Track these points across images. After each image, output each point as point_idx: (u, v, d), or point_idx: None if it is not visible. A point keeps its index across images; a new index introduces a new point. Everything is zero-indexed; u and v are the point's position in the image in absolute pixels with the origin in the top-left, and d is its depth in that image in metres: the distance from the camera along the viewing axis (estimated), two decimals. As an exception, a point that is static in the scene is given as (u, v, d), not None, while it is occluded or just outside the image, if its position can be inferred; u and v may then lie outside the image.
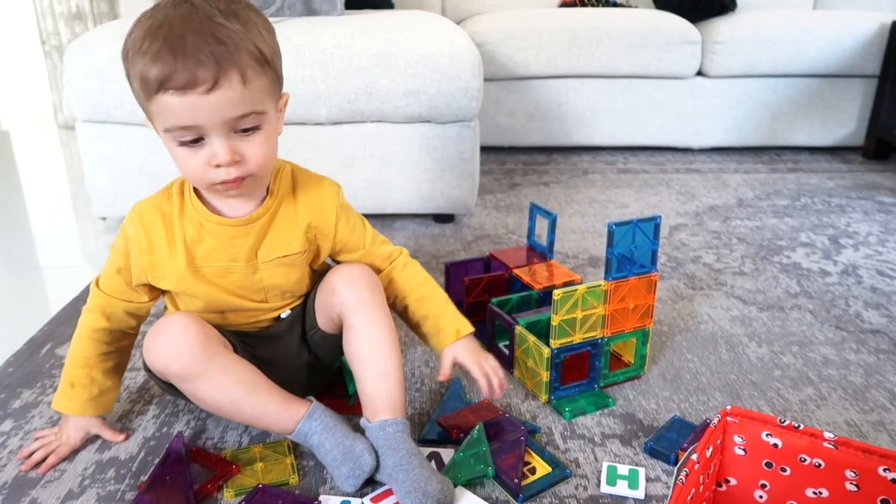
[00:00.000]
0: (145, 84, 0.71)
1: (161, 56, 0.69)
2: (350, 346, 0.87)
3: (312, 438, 0.83)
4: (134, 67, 0.71)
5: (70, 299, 1.33)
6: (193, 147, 0.74)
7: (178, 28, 0.69)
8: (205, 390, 0.81)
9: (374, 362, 0.85)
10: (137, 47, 0.70)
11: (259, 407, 0.82)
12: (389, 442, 0.81)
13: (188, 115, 0.71)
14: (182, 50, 0.69)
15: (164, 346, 0.79)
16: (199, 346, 0.79)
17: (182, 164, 0.76)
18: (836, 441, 0.68)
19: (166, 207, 0.84)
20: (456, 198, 1.67)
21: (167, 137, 0.75)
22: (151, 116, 0.75)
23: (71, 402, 0.87)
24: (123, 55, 0.73)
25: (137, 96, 0.75)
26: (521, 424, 0.91)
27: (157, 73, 0.69)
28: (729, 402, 1.01)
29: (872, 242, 1.63)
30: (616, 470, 0.85)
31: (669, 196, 1.97)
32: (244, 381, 0.82)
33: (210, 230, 0.83)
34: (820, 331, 1.21)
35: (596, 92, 2.31)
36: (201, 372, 0.79)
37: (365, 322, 0.86)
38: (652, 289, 1.01)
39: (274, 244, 0.85)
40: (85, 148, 1.60)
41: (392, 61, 1.51)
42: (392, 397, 0.84)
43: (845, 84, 2.33)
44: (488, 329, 1.12)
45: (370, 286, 0.88)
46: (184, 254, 0.83)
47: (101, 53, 1.50)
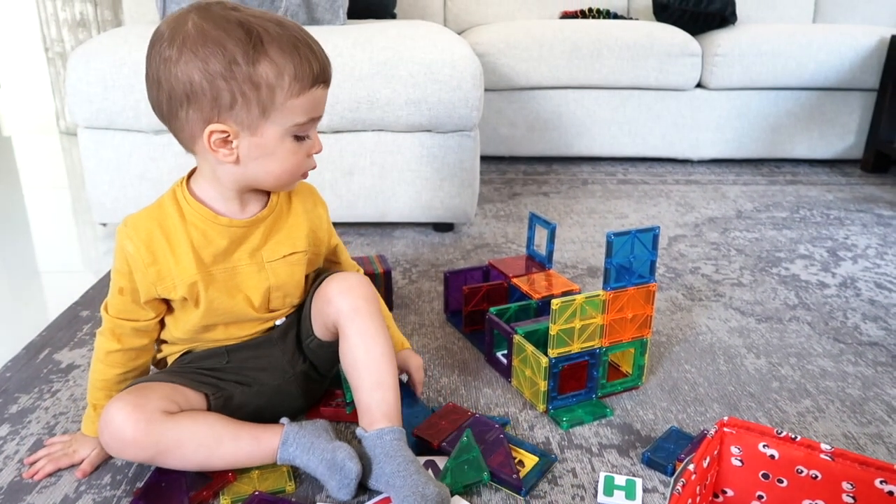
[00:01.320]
0: (301, 79, 0.76)
1: (308, 50, 0.77)
2: (346, 356, 0.88)
3: (296, 461, 0.82)
4: (275, 64, 0.75)
5: (69, 304, 1.33)
6: (301, 141, 0.81)
7: (297, 28, 0.78)
8: (169, 464, 0.80)
9: (370, 372, 0.85)
10: (279, 43, 0.75)
11: (229, 455, 0.81)
12: (387, 450, 0.81)
13: (321, 107, 0.82)
14: (317, 48, 0.79)
15: (111, 441, 0.78)
16: (141, 434, 0.77)
17: (288, 159, 0.81)
18: (832, 453, 0.68)
19: (163, 217, 0.83)
20: (456, 207, 1.67)
21: (287, 132, 0.79)
22: (282, 113, 0.77)
23: (94, 424, 0.86)
24: (233, 53, 0.73)
25: (266, 95, 0.75)
26: (494, 422, 0.93)
27: (315, 67, 0.77)
28: (726, 413, 1.00)
29: (871, 255, 1.63)
30: (613, 480, 0.85)
31: (669, 207, 1.97)
32: (204, 442, 0.80)
33: (219, 232, 0.84)
34: (818, 343, 1.21)
35: (596, 103, 2.32)
36: (157, 452, 0.78)
37: (361, 331, 0.86)
38: (650, 299, 1.01)
39: (279, 243, 0.88)
40: (86, 154, 1.61)
41: (393, 71, 1.52)
42: (388, 406, 0.84)
43: (844, 97, 2.34)
44: (486, 338, 1.12)
45: (366, 295, 0.89)
46: (192, 259, 0.83)
47: (105, 60, 1.51)
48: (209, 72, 0.73)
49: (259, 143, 0.78)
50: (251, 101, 0.75)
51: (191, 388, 0.85)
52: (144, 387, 0.82)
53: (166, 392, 0.82)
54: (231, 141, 0.77)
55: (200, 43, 0.73)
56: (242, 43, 0.73)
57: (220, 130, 0.76)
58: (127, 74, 1.51)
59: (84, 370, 1.09)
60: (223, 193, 0.84)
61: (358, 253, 1.59)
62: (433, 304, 1.34)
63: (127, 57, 1.51)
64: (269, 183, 0.83)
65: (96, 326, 1.22)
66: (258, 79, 0.74)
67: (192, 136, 0.78)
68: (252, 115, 0.76)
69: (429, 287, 1.42)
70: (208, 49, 0.73)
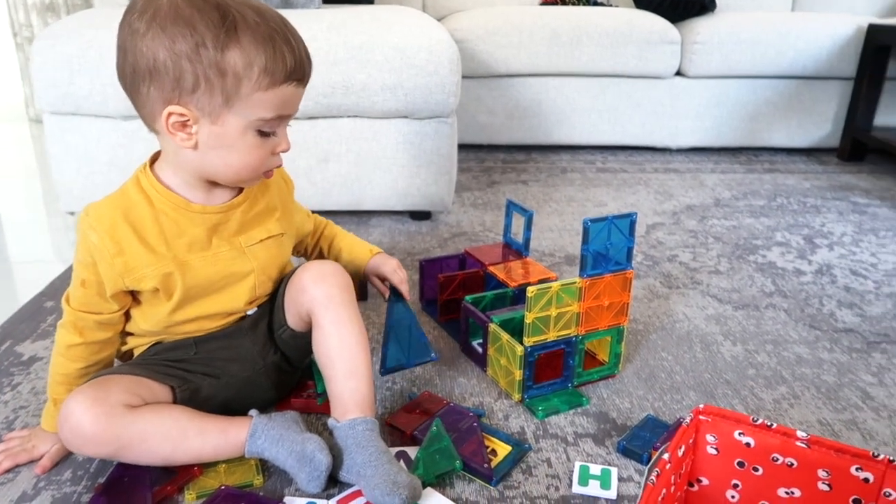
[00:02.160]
0: (271, 73, 0.73)
1: (285, 45, 0.73)
2: (319, 345, 0.86)
3: (265, 454, 0.80)
4: (245, 54, 0.71)
5: (33, 294, 1.29)
6: (265, 137, 0.78)
7: (279, 19, 0.75)
8: (132, 459, 0.78)
9: (344, 361, 0.84)
10: (252, 32, 0.71)
11: (195, 449, 0.79)
12: (359, 440, 0.79)
13: (292, 105, 0.78)
14: (297, 43, 0.75)
15: (71, 437, 0.75)
16: (102, 428, 0.74)
17: (248, 154, 0.77)
18: (808, 440, 0.68)
19: (128, 206, 0.80)
20: (433, 195, 1.65)
21: (251, 126, 0.76)
22: (247, 105, 0.74)
23: (54, 419, 0.82)
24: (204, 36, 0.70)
25: (232, 85, 0.72)
26: (468, 411, 0.92)
27: (289, 63, 0.74)
28: (703, 400, 1.00)
29: (846, 242, 1.63)
30: (588, 470, 0.84)
31: (647, 195, 1.97)
32: (168, 435, 0.78)
33: (192, 220, 0.81)
34: (794, 330, 1.21)
35: (576, 91, 2.30)
36: (118, 447, 0.76)
37: (334, 321, 0.85)
38: (627, 286, 1.00)
39: (256, 228, 0.86)
40: (52, 140, 1.56)
41: (369, 55, 1.49)
42: (361, 396, 0.83)
43: (822, 86, 2.35)
44: (462, 326, 1.10)
45: (340, 284, 0.87)
46: (166, 249, 0.80)
47: (70, 43, 1.46)
48: (174, 51, 0.70)
49: (219, 133, 0.75)
50: (215, 88, 0.72)
51: (155, 381, 0.82)
52: (106, 380, 0.79)
53: (129, 385, 0.79)
54: (190, 125, 0.74)
55: (171, 20, 0.70)
56: (214, 26, 0.70)
57: (179, 113, 0.73)
58: (94, 58, 1.46)
59: (47, 362, 1.05)
60: (187, 180, 0.81)
61: (333, 241, 1.56)
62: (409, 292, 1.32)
63: (94, 40, 1.46)
64: (228, 176, 0.80)
65: (61, 318, 1.19)
66: (225, 66, 0.71)
67: (152, 115, 0.75)
68: (214, 102, 0.73)
69: (405, 276, 1.39)
70: (177, 27, 0.70)
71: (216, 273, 0.84)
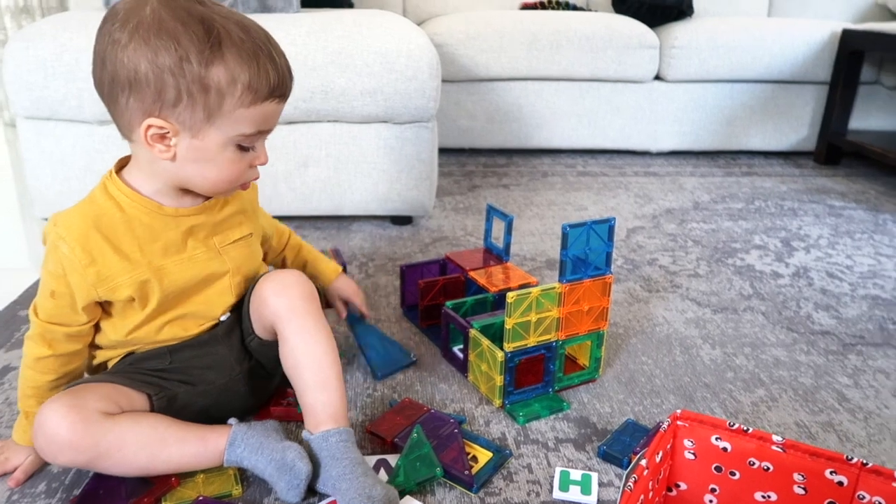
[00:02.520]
0: (255, 90, 0.73)
1: (269, 63, 0.74)
2: (286, 358, 0.84)
3: (244, 463, 0.79)
4: (229, 71, 0.71)
5: (7, 303, 1.27)
6: (244, 151, 0.78)
7: (264, 35, 0.75)
8: (109, 469, 0.76)
9: (313, 373, 0.82)
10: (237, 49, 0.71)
11: (174, 458, 0.77)
12: (332, 452, 0.78)
13: (272, 120, 0.78)
14: (280, 60, 0.76)
15: (46, 445, 0.74)
16: (79, 436, 0.73)
17: (227, 168, 0.77)
18: (784, 444, 0.68)
19: (98, 213, 0.78)
20: (413, 199, 1.65)
21: (231, 141, 0.75)
22: (229, 121, 0.73)
23: (25, 433, 0.81)
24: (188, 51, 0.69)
25: (214, 101, 0.72)
26: (449, 417, 0.92)
27: (272, 80, 0.74)
28: (682, 404, 1.01)
29: (823, 245, 1.66)
30: (569, 475, 0.84)
31: (627, 199, 1.98)
32: (147, 443, 0.76)
33: (166, 223, 0.80)
34: (772, 332, 1.23)
35: (556, 95, 2.31)
36: (95, 456, 0.74)
37: (299, 331, 0.83)
38: (606, 291, 1.01)
39: (229, 228, 0.87)
40: (27, 145, 1.54)
41: (348, 60, 1.49)
42: (333, 407, 0.81)
43: (798, 90, 2.38)
44: (443, 332, 1.10)
45: (303, 294, 0.85)
46: (141, 255, 0.79)
47: (45, 47, 1.44)
48: (157, 64, 0.70)
49: (199, 147, 0.75)
50: (197, 103, 0.72)
51: (132, 388, 0.81)
52: (82, 388, 0.78)
53: (106, 392, 0.78)
54: (169, 138, 0.74)
55: (154, 32, 0.69)
56: (199, 40, 0.70)
57: (159, 126, 0.72)
58: (69, 62, 1.44)
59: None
60: (159, 188, 0.80)
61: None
62: (390, 298, 1.32)
63: (69, 43, 1.44)
64: (205, 188, 0.80)
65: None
66: (209, 81, 0.71)
67: (129, 125, 0.74)
68: (196, 117, 0.72)
69: (385, 281, 1.39)
70: (161, 40, 0.69)
71: (193, 276, 0.83)
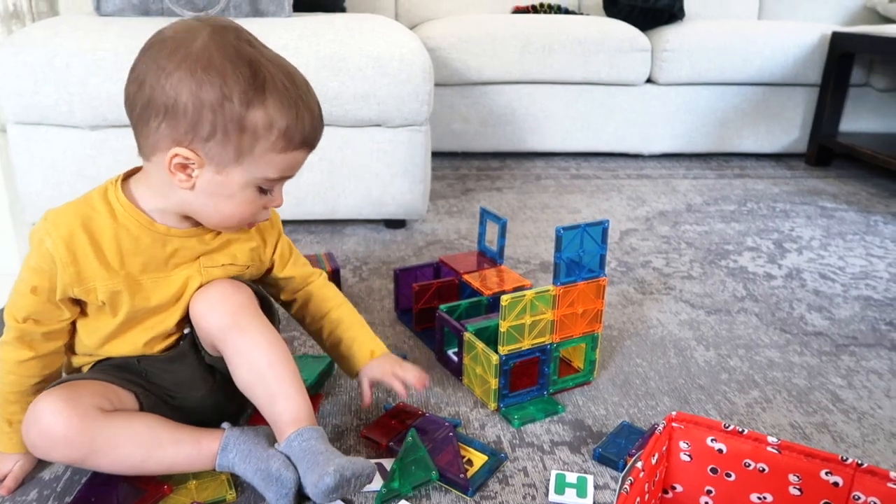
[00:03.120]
0: (289, 138, 0.73)
1: (306, 112, 0.74)
2: (235, 377, 0.82)
3: (235, 469, 0.78)
4: (268, 117, 0.71)
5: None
6: (261, 194, 0.77)
7: (303, 82, 0.75)
8: (102, 466, 0.75)
9: (263, 387, 0.80)
10: (280, 95, 0.71)
11: (168, 459, 0.77)
12: (296, 455, 0.76)
13: (297, 168, 0.78)
14: (316, 110, 0.76)
15: (39, 440, 0.73)
16: (75, 430, 0.72)
17: (242, 206, 0.77)
18: (779, 445, 0.68)
19: (89, 215, 0.77)
20: (407, 203, 1.64)
21: (255, 182, 0.75)
22: (256, 164, 0.73)
23: (11, 440, 0.80)
24: (233, 92, 0.70)
25: (248, 143, 0.72)
26: (444, 421, 0.92)
27: (305, 132, 0.74)
28: (677, 406, 1.01)
29: (815, 246, 1.66)
30: (565, 478, 0.84)
31: (621, 201, 1.98)
32: (142, 442, 0.76)
33: (154, 239, 0.78)
34: (765, 334, 1.23)
35: (548, 98, 2.32)
36: (88, 453, 0.73)
37: (238, 351, 0.81)
38: (600, 293, 1.01)
39: (219, 253, 0.84)
40: (17, 151, 1.53)
41: (341, 64, 1.48)
42: (290, 413, 0.79)
43: (789, 92, 2.39)
44: (437, 336, 1.10)
45: (234, 308, 0.81)
46: (119, 265, 0.77)
47: (35, 52, 1.43)
48: (199, 97, 0.69)
49: (221, 182, 0.74)
50: (230, 142, 0.71)
51: (120, 387, 0.80)
52: (75, 383, 0.77)
53: (98, 388, 0.77)
54: (192, 168, 0.73)
55: (202, 66, 0.69)
56: (244, 82, 0.70)
57: (185, 156, 0.72)
58: (60, 67, 1.43)
59: (12, 379, 1.03)
60: (165, 209, 0.78)
61: (307, 251, 1.55)
62: (384, 302, 1.31)
63: (59, 48, 1.43)
64: (214, 221, 0.79)
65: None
66: (246, 123, 0.71)
67: (153, 148, 0.73)
68: (226, 154, 0.72)
69: (379, 285, 1.39)
70: (207, 75, 0.69)
71: (165, 296, 0.81)
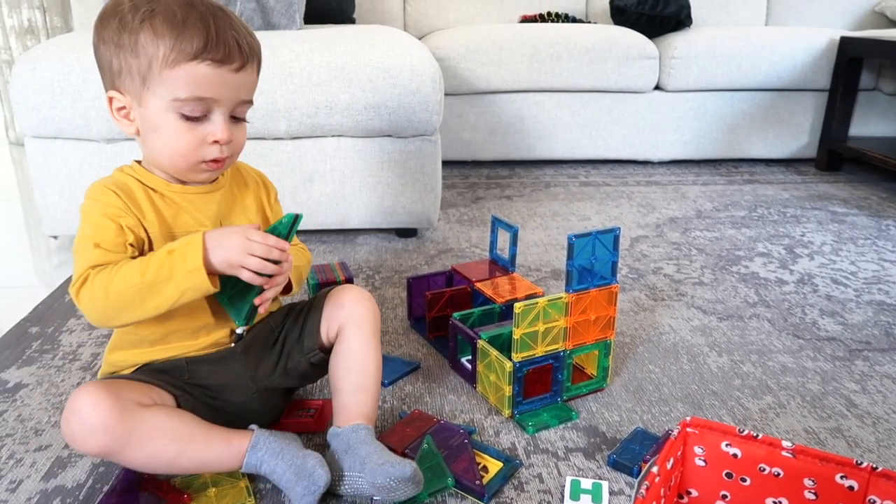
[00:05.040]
0: (178, 51, 0.75)
1: (202, 27, 0.75)
2: (339, 358, 0.90)
3: (263, 467, 0.81)
4: (156, 34, 0.75)
5: (18, 321, 1.28)
6: (193, 122, 0.78)
7: (213, 9, 0.78)
8: (135, 459, 0.77)
9: (358, 376, 0.88)
10: (169, 16, 0.75)
11: (199, 456, 0.79)
12: (361, 438, 0.82)
13: (213, 88, 0.77)
14: (223, 27, 0.77)
15: (78, 429, 0.74)
16: (114, 420, 0.73)
17: (174, 138, 0.78)
18: (794, 450, 0.69)
19: (122, 183, 0.82)
20: (418, 212, 1.66)
21: (170, 107, 0.77)
22: (161, 84, 0.76)
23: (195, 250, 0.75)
24: (126, 24, 0.75)
25: (145, 64, 0.76)
26: (459, 428, 0.93)
27: (198, 42, 0.75)
28: (691, 412, 1.01)
29: (826, 251, 1.66)
30: (580, 484, 0.84)
31: (630, 208, 1.99)
32: (177, 437, 0.78)
33: (175, 196, 0.84)
34: (778, 339, 1.23)
35: (557, 106, 2.33)
36: (125, 444, 0.75)
37: (361, 339, 0.90)
38: (613, 300, 1.01)
39: (237, 215, 0.90)
40: (34, 164, 1.55)
41: (352, 75, 1.50)
42: (367, 408, 0.87)
43: (797, 98, 2.39)
44: (451, 344, 1.11)
45: (375, 312, 0.94)
46: (156, 218, 0.82)
47: (52, 67, 1.46)
48: (104, 38, 0.78)
49: (145, 116, 0.79)
50: (133, 70, 0.77)
51: (161, 388, 0.82)
52: (115, 381, 0.80)
53: (138, 386, 0.80)
54: (128, 110, 0.80)
55: (109, 13, 0.77)
56: (135, 11, 0.76)
57: (117, 99, 0.79)
58: (75, 82, 1.46)
59: (32, 389, 1.05)
60: (156, 170, 0.84)
61: (320, 260, 1.56)
62: (397, 310, 1.32)
63: (75, 63, 1.46)
64: (165, 163, 0.82)
65: (46, 343, 1.18)
66: (138, 47, 0.76)
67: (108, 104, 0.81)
68: (135, 83, 0.77)
69: (392, 294, 1.40)
70: (110, 19, 0.77)
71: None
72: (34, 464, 0.88)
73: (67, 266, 1.57)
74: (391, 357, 1.14)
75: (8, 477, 0.86)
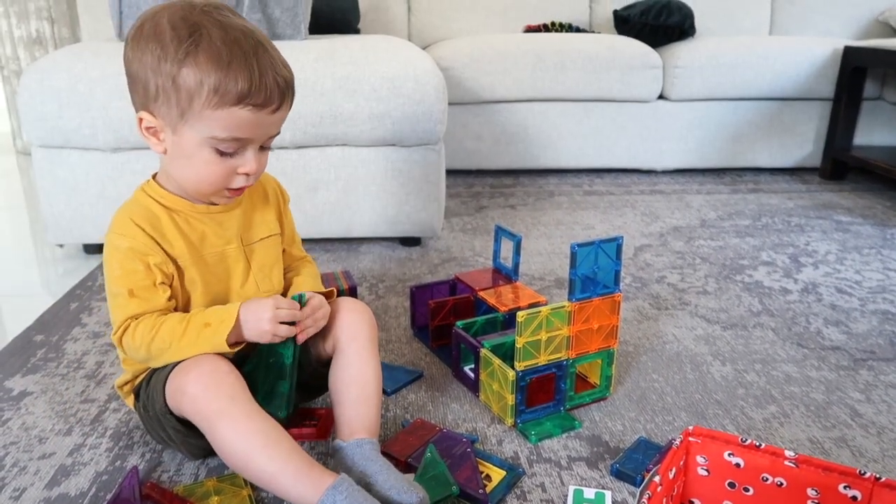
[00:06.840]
0: (222, 94, 0.75)
1: (246, 70, 0.75)
2: (339, 371, 0.90)
3: None
4: (199, 71, 0.75)
5: (23, 329, 1.28)
6: (224, 156, 0.80)
7: (255, 45, 0.77)
8: (225, 431, 0.76)
9: (359, 389, 0.88)
10: (214, 54, 0.74)
11: (277, 462, 0.75)
12: (367, 455, 0.82)
13: (250, 129, 0.79)
14: (265, 67, 0.77)
15: (195, 380, 0.78)
16: (228, 385, 0.78)
17: (205, 169, 0.80)
18: (797, 459, 0.68)
19: (143, 210, 0.85)
20: (422, 221, 1.66)
21: (206, 143, 0.78)
22: (200, 121, 0.77)
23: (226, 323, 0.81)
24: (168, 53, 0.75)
25: (185, 99, 0.76)
26: (462, 437, 0.93)
27: (243, 87, 0.75)
28: (694, 421, 1.01)
29: (831, 261, 1.66)
30: (583, 494, 0.84)
31: (634, 217, 1.99)
32: (266, 431, 0.77)
33: (199, 219, 0.86)
34: (782, 348, 1.23)
35: (561, 115, 2.34)
36: (225, 411, 0.76)
37: (359, 351, 0.90)
38: (616, 309, 1.01)
39: (257, 226, 0.93)
40: (41, 173, 1.57)
41: (356, 85, 1.51)
42: (370, 420, 0.87)
43: (802, 107, 2.40)
44: (454, 352, 1.11)
45: (372, 324, 0.94)
46: (184, 245, 0.85)
47: (59, 77, 1.47)
48: (143, 61, 0.77)
49: (178, 143, 0.80)
50: (171, 100, 0.77)
51: None
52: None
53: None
54: (158, 131, 0.81)
55: (146, 35, 0.77)
56: (178, 42, 0.75)
57: (148, 120, 0.80)
58: (82, 92, 1.47)
59: (37, 397, 1.05)
60: (178, 188, 0.86)
61: (323, 269, 1.56)
62: (400, 319, 1.33)
63: (82, 74, 1.47)
64: (190, 187, 0.84)
65: (51, 351, 1.19)
66: (179, 81, 0.76)
67: (138, 120, 0.81)
68: (172, 113, 0.78)
69: (396, 302, 1.40)
70: (150, 42, 0.76)
71: (225, 269, 0.89)
72: (38, 472, 0.88)
73: (73, 275, 1.58)
74: (394, 366, 1.14)
75: (12, 485, 0.86)
